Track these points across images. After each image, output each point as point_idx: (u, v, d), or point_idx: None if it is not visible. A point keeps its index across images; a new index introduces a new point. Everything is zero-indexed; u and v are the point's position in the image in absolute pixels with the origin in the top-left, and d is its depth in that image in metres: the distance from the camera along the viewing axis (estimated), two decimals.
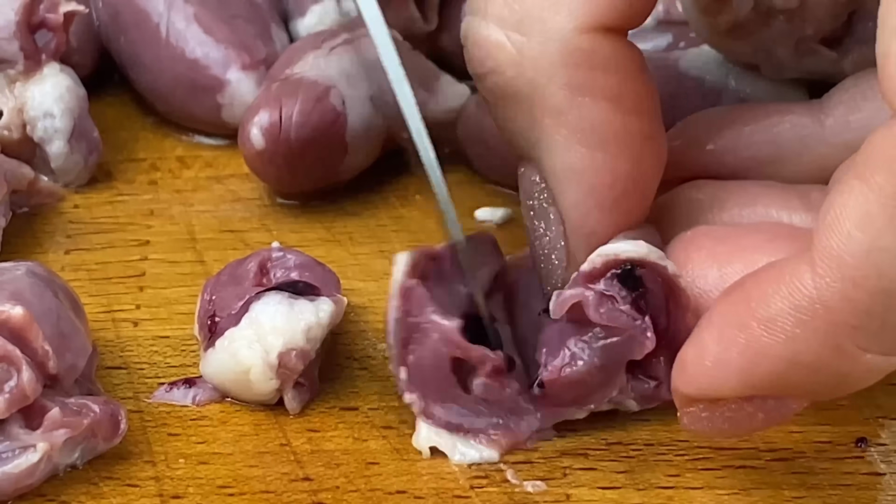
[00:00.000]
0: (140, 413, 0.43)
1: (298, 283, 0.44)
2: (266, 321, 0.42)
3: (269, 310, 0.42)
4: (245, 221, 0.52)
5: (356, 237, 0.51)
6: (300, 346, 0.42)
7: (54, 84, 0.52)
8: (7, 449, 0.39)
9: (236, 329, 0.43)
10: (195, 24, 0.55)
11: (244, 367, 0.42)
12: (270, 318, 0.42)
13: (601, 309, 0.40)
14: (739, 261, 0.40)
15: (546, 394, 0.41)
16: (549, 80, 0.39)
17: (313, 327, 0.42)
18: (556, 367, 0.40)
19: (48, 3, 0.52)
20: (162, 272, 0.49)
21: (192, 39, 0.55)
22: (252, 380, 0.42)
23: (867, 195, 0.34)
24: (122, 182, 0.54)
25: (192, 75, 0.55)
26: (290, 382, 0.42)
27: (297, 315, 0.42)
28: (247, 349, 0.42)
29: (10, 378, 0.39)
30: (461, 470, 0.41)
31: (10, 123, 0.52)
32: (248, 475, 0.41)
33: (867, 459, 0.42)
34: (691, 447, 0.42)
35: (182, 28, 0.55)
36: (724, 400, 0.38)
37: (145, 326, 0.47)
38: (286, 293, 0.43)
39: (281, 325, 0.42)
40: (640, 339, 0.40)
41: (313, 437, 0.42)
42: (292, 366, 0.42)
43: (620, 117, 0.40)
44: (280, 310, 0.42)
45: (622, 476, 0.41)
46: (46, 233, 0.51)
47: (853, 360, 0.36)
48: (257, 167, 0.51)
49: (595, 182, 0.40)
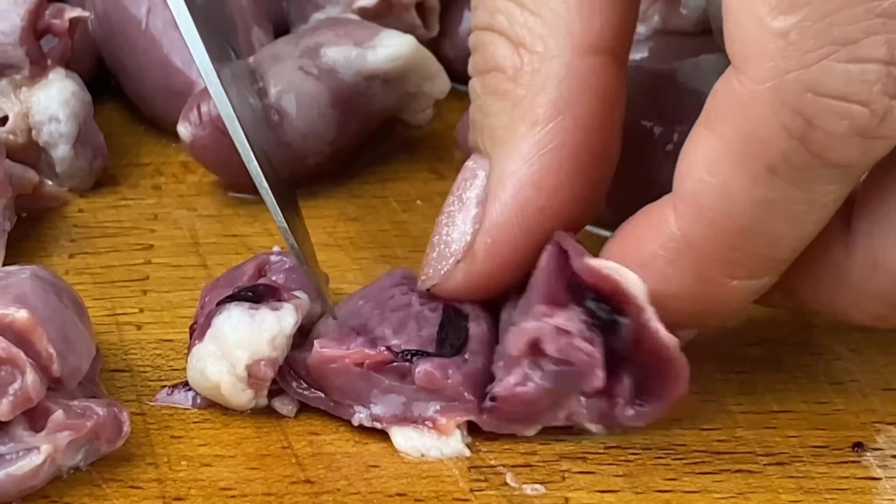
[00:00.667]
0: (143, 416, 0.43)
1: (259, 288, 0.43)
2: (229, 335, 0.42)
3: (231, 323, 0.42)
4: (248, 226, 0.52)
5: (358, 242, 0.51)
6: (266, 355, 0.42)
7: (59, 89, 0.52)
8: (11, 451, 0.39)
9: (201, 345, 0.42)
10: (172, 27, 0.54)
11: (214, 383, 0.42)
12: (233, 331, 0.42)
13: (556, 344, 0.40)
14: None
15: (496, 407, 0.41)
16: (539, 93, 0.41)
17: (277, 336, 0.42)
18: (510, 384, 0.41)
19: (53, 9, 0.52)
20: (165, 276, 0.49)
21: (166, 44, 0.55)
22: (224, 393, 0.42)
23: (714, 143, 0.38)
24: (126, 187, 0.54)
25: (166, 79, 0.55)
26: (264, 389, 0.43)
27: (259, 326, 0.42)
28: (213, 365, 0.42)
29: (15, 380, 0.39)
30: (461, 473, 0.41)
31: (16, 128, 0.52)
32: (250, 477, 0.41)
33: (863, 464, 0.42)
34: (689, 451, 0.42)
35: (159, 32, 0.55)
36: None
37: (148, 330, 0.47)
38: (246, 303, 0.43)
39: (244, 338, 0.42)
40: (590, 376, 0.40)
41: (314, 440, 0.43)
42: (262, 375, 0.42)
43: (584, 140, 0.41)
44: (242, 322, 0.42)
45: (620, 480, 0.41)
46: (51, 237, 0.51)
47: (723, 288, 0.40)
48: (199, 158, 0.52)
49: (530, 197, 0.41)
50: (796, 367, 0.45)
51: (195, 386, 0.43)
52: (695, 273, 0.39)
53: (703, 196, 0.38)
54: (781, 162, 0.37)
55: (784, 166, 0.37)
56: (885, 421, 0.44)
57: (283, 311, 0.43)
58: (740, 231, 0.38)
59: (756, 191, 0.37)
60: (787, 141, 0.36)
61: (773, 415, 0.44)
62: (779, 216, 0.38)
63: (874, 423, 0.43)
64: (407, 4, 0.56)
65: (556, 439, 0.43)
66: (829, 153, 0.37)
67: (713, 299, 0.40)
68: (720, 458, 0.42)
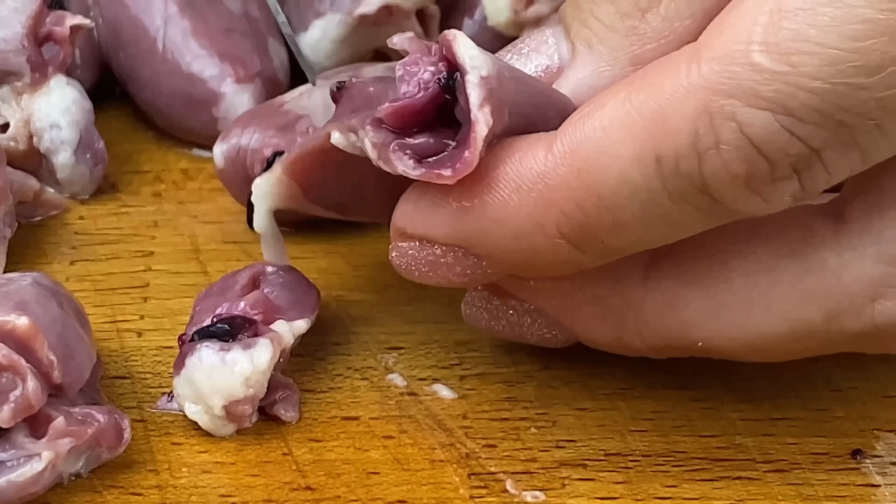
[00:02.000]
0: (143, 422, 0.43)
1: (236, 320, 0.43)
2: (201, 380, 0.42)
3: (203, 367, 0.42)
4: (248, 233, 0.52)
5: (358, 249, 0.51)
6: (242, 396, 0.42)
7: (61, 96, 0.52)
8: (12, 457, 0.39)
9: (178, 383, 0.42)
10: (191, 37, 0.55)
11: (195, 419, 0.42)
12: (205, 376, 0.42)
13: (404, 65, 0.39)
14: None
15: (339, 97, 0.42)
16: (656, 39, 0.39)
17: (251, 376, 0.42)
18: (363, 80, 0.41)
19: (55, 17, 0.52)
20: (165, 283, 0.49)
21: (188, 53, 0.55)
22: (206, 429, 0.42)
23: (626, 105, 0.36)
24: (126, 194, 0.54)
25: (188, 89, 0.55)
26: (248, 420, 0.43)
27: (231, 368, 0.42)
28: (190, 406, 0.42)
29: (16, 387, 0.39)
30: (461, 480, 0.42)
31: (17, 135, 0.52)
32: (251, 484, 0.41)
33: (863, 471, 0.42)
34: (689, 458, 0.42)
35: (178, 42, 0.55)
36: (432, 243, 0.39)
37: (149, 337, 0.47)
38: (217, 343, 0.42)
39: (217, 383, 0.42)
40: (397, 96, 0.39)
41: (315, 447, 0.43)
42: (241, 412, 0.42)
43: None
44: (213, 366, 0.42)
45: (620, 486, 0.41)
46: (52, 244, 0.51)
47: (550, 243, 0.38)
48: (225, 185, 0.52)
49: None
50: (795, 375, 0.45)
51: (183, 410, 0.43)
52: (534, 213, 0.38)
53: (585, 146, 0.37)
54: (671, 161, 0.36)
55: (670, 166, 0.36)
56: (883, 428, 0.44)
57: (256, 349, 0.42)
58: (596, 197, 0.37)
59: (633, 170, 0.36)
60: (689, 146, 0.36)
61: (773, 422, 0.44)
62: (636, 207, 0.37)
63: (873, 431, 0.44)
64: (407, 11, 0.56)
65: (556, 446, 0.43)
66: (714, 183, 0.36)
67: (535, 248, 0.38)
68: (720, 464, 0.42)
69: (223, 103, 0.54)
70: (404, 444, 0.43)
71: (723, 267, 0.40)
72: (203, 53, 0.55)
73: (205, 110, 0.54)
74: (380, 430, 0.43)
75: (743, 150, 0.35)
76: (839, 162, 0.36)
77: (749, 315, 0.40)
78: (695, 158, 0.36)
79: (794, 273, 0.39)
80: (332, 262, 0.50)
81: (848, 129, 0.35)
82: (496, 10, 0.56)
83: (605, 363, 0.45)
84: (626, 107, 0.37)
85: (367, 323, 0.47)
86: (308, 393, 0.45)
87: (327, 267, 0.50)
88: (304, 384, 0.45)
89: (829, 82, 0.34)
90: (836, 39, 0.34)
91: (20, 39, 0.51)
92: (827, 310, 0.39)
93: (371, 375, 0.45)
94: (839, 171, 0.36)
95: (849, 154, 0.36)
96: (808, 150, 0.35)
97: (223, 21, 0.56)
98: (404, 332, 0.47)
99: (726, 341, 0.40)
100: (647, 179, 0.36)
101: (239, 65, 0.55)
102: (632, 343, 0.42)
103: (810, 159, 0.35)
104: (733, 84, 0.35)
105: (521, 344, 0.46)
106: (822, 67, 0.34)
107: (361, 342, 0.47)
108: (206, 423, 0.42)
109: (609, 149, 0.37)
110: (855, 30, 0.34)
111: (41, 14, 0.52)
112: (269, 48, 0.56)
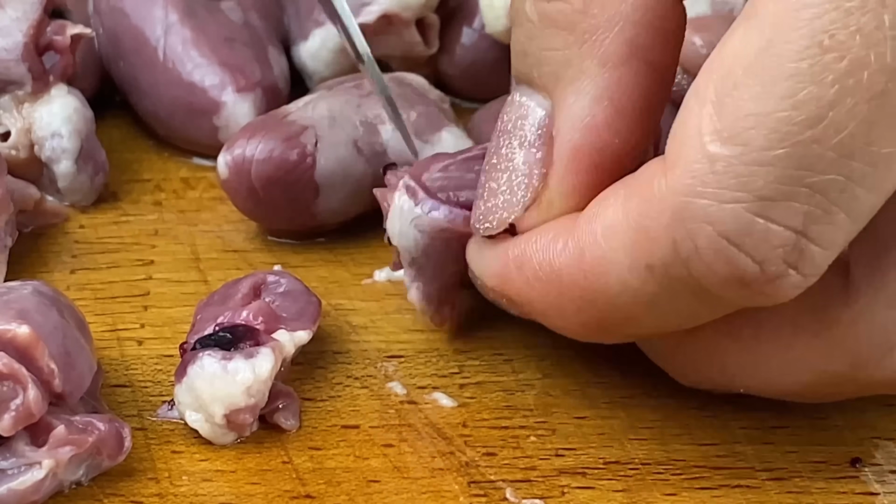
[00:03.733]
0: (144, 430, 0.43)
1: (237, 329, 0.43)
2: (203, 388, 0.42)
3: (204, 376, 0.42)
4: (248, 242, 0.52)
5: (358, 258, 0.51)
6: (243, 405, 0.42)
7: (62, 105, 0.52)
8: (13, 466, 0.39)
9: (179, 391, 0.43)
10: (192, 47, 0.55)
11: (195, 427, 0.43)
12: (207, 384, 0.42)
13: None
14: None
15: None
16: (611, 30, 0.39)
17: (253, 384, 0.42)
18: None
19: (55, 26, 0.53)
20: (166, 292, 0.49)
21: (188, 62, 0.55)
22: (206, 437, 0.43)
23: (620, 211, 0.37)
24: (127, 202, 0.54)
25: (188, 98, 0.55)
26: (248, 428, 0.43)
27: (233, 377, 0.42)
28: (191, 414, 0.42)
29: (16, 396, 0.39)
30: (461, 488, 0.42)
31: (18, 143, 0.52)
32: (251, 492, 0.41)
33: (862, 479, 0.42)
34: (688, 466, 0.43)
35: (179, 51, 0.55)
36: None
37: (149, 345, 0.47)
38: (220, 351, 0.42)
39: (219, 392, 0.42)
40: None
41: (315, 455, 0.43)
42: (242, 420, 0.42)
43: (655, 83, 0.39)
44: (215, 374, 0.42)
45: (620, 495, 0.42)
46: (52, 252, 0.51)
47: (571, 326, 0.40)
48: (229, 196, 0.51)
49: (606, 140, 0.39)
50: None
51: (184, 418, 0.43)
52: (554, 302, 0.39)
53: (589, 251, 0.38)
54: (660, 268, 0.36)
55: (661, 272, 0.36)
56: (883, 437, 0.44)
57: (258, 358, 0.42)
58: (604, 297, 0.38)
59: (630, 276, 0.37)
60: (672, 255, 0.36)
61: (772, 430, 0.44)
62: (642, 307, 0.37)
63: (872, 439, 0.44)
64: (407, 21, 0.56)
65: (555, 454, 0.43)
66: (706, 283, 0.36)
67: (557, 327, 0.40)
68: (719, 473, 0.42)
69: (224, 112, 0.54)
70: (404, 452, 0.43)
71: (752, 320, 0.40)
72: (203, 62, 0.55)
73: (205, 119, 0.55)
74: (380, 438, 0.43)
75: (723, 252, 0.35)
76: (829, 233, 0.35)
77: (780, 367, 0.40)
78: (681, 265, 0.36)
79: (814, 329, 0.39)
80: (333, 270, 0.51)
81: (821, 193, 0.34)
82: (494, 17, 0.56)
83: (604, 372, 0.45)
84: (619, 213, 0.37)
85: (367, 331, 0.48)
86: (308, 401, 0.45)
87: (328, 275, 0.50)
88: (305, 393, 0.45)
89: (781, 147, 0.33)
90: (774, 103, 0.34)
91: (21, 48, 0.51)
92: (850, 361, 0.39)
93: (371, 384, 0.45)
94: (835, 242, 0.35)
95: (835, 220, 0.34)
96: (793, 234, 0.34)
97: (223, 30, 0.56)
98: (404, 340, 0.47)
99: (765, 387, 0.41)
100: (645, 284, 0.37)
101: (239, 74, 0.55)
102: (675, 377, 0.43)
103: (798, 244, 0.35)
104: (697, 182, 0.35)
105: (520, 352, 0.46)
106: (771, 135, 0.34)
107: (361, 351, 0.47)
108: (206, 432, 0.42)
109: (608, 255, 0.37)
110: (786, 87, 0.33)
111: (42, 23, 0.52)
112: (270, 57, 0.56)
